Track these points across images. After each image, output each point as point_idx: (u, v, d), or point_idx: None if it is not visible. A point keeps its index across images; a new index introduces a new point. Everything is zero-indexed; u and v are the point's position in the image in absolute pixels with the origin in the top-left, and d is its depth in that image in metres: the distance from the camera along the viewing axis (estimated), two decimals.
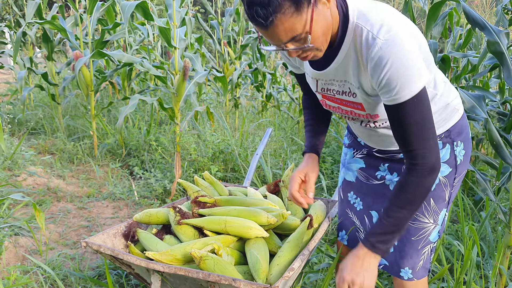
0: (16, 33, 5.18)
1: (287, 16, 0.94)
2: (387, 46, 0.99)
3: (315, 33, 1.00)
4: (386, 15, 1.04)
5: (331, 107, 1.31)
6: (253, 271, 1.38)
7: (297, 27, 0.97)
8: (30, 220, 2.59)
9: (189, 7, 5.38)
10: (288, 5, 0.93)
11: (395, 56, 0.99)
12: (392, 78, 1.01)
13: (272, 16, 0.93)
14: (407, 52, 1.00)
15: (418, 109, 1.05)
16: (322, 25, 1.01)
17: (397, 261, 1.41)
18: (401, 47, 0.99)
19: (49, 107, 5.49)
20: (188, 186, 1.93)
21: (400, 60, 0.99)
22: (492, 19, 5.79)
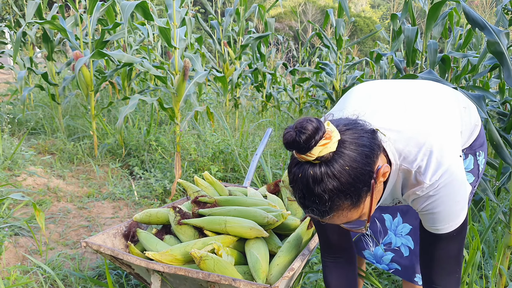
0: (16, 33, 5.18)
1: (344, 211, 0.90)
2: (433, 188, 0.96)
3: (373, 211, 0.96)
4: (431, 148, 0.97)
5: None
6: (253, 271, 1.38)
7: (354, 216, 0.93)
8: (30, 220, 2.59)
9: (189, 7, 5.38)
10: (348, 204, 0.88)
11: (442, 196, 0.97)
12: (435, 216, 1.00)
13: (330, 215, 0.90)
14: (454, 189, 0.98)
15: (454, 242, 1.04)
16: (377, 198, 0.97)
17: (413, 266, 1.39)
18: (448, 186, 0.97)
19: (49, 107, 5.49)
20: (188, 186, 1.93)
21: (444, 204, 0.98)
22: (492, 19, 5.79)
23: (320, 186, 0.84)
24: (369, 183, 0.88)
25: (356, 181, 0.86)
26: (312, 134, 0.81)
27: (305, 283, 2.00)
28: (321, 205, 0.87)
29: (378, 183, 0.92)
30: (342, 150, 0.85)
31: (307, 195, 0.87)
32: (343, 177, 0.84)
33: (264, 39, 5.69)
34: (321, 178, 0.84)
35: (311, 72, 6.03)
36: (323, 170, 0.84)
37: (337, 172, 0.84)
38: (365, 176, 0.87)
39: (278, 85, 6.76)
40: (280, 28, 19.78)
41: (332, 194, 0.85)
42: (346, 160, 0.84)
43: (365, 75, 6.67)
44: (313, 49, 6.29)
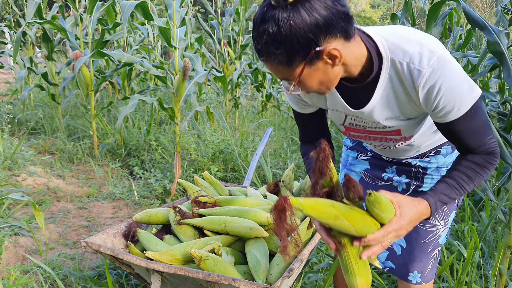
0: (16, 33, 5.18)
1: (275, 63, 0.94)
2: (434, 74, 0.97)
3: (306, 84, 0.99)
4: (419, 42, 1.00)
5: (355, 136, 1.27)
6: (253, 271, 1.38)
7: (286, 74, 0.97)
8: (30, 220, 2.59)
9: (189, 7, 5.38)
10: (279, 57, 0.92)
11: (446, 81, 0.97)
12: (448, 101, 0.99)
13: (263, 57, 0.95)
14: (454, 73, 0.98)
15: (477, 117, 1.03)
16: (319, 78, 0.98)
17: (406, 264, 1.39)
18: (447, 70, 0.97)
19: (49, 107, 5.49)
20: (188, 186, 1.93)
21: (450, 83, 0.97)
22: (492, 19, 5.80)
23: (263, 25, 0.90)
24: (307, 50, 0.91)
25: (293, 40, 0.89)
26: None
27: (305, 283, 2.00)
28: (258, 43, 0.93)
29: (324, 62, 0.94)
30: (299, 6, 0.87)
31: (253, 29, 0.94)
32: (283, 28, 0.88)
33: None
34: (267, 19, 0.89)
35: None
36: (272, 13, 0.88)
37: (281, 21, 0.87)
38: (304, 40, 0.89)
39: (278, 85, 6.76)
40: None
41: (268, 38, 0.90)
42: (295, 16, 0.87)
43: None
44: None
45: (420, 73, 0.97)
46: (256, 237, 1.54)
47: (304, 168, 3.73)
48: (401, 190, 1.37)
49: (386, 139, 1.22)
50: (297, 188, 2.05)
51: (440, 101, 0.99)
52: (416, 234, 1.35)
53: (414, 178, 1.34)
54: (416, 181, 1.34)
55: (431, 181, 1.31)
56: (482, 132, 1.05)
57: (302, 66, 0.94)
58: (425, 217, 1.05)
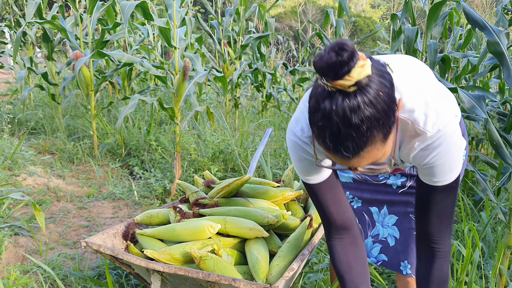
0: (16, 33, 5.18)
1: (376, 146, 0.85)
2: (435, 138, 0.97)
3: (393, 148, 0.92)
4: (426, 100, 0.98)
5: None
6: (253, 271, 1.38)
7: (380, 154, 0.89)
8: (30, 220, 2.59)
9: (189, 7, 5.38)
10: (380, 137, 0.84)
11: (443, 147, 0.98)
12: (440, 163, 1.00)
13: (363, 151, 0.84)
14: (454, 145, 0.99)
15: (451, 194, 1.06)
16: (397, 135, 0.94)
17: (398, 254, 1.41)
18: (449, 136, 0.98)
19: (49, 107, 5.49)
20: (186, 187, 1.93)
21: (446, 154, 0.99)
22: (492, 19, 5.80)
23: (358, 114, 0.79)
24: (394, 113, 0.85)
25: (389, 108, 0.82)
26: (353, 52, 0.76)
27: (305, 283, 2.00)
28: (357, 137, 0.81)
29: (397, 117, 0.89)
30: (373, 76, 0.81)
31: (343, 128, 0.80)
32: (379, 104, 0.80)
33: (264, 39, 5.70)
34: (358, 106, 0.78)
35: (311, 72, 6.03)
36: (359, 98, 0.78)
37: (373, 98, 0.79)
38: (393, 103, 0.84)
39: (278, 85, 6.76)
40: (280, 28, 19.78)
41: (369, 123, 0.80)
42: (378, 86, 0.81)
43: None
44: (313, 49, 6.29)
45: (423, 135, 0.98)
46: (256, 237, 1.54)
47: None
48: (395, 187, 1.39)
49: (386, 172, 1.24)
50: (297, 188, 2.05)
51: (432, 159, 1.00)
52: (409, 225, 1.37)
53: (409, 177, 1.36)
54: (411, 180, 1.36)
55: None
56: (447, 218, 1.10)
57: (395, 133, 0.89)
58: None
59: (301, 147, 1.09)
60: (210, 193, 1.85)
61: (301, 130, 1.06)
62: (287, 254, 1.46)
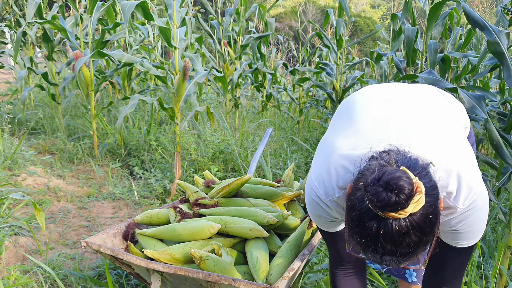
0: (16, 33, 5.17)
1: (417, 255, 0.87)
2: (467, 212, 0.97)
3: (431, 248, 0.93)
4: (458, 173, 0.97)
5: None
6: (253, 271, 1.38)
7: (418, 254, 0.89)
8: (30, 220, 2.59)
9: (189, 7, 5.38)
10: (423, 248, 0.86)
11: (473, 218, 0.98)
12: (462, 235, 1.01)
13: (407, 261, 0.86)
14: (482, 214, 1.00)
15: (469, 253, 1.07)
16: None
17: None
18: (479, 209, 0.98)
19: (49, 107, 5.49)
20: (186, 187, 1.93)
21: (474, 224, 0.99)
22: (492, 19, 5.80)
23: (406, 240, 0.80)
24: (438, 223, 0.86)
25: (435, 227, 0.84)
26: (411, 193, 0.77)
27: (305, 283, 2.00)
28: (402, 257, 0.83)
29: None
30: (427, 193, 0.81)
31: (389, 248, 0.82)
32: (427, 227, 0.82)
33: (264, 39, 5.69)
34: (407, 232, 0.80)
35: (311, 72, 6.03)
36: (409, 223, 0.79)
37: (422, 223, 0.80)
38: (439, 215, 0.85)
39: (278, 85, 6.76)
40: (280, 28, 19.78)
41: (416, 247, 0.82)
42: (428, 209, 0.81)
43: (365, 75, 6.67)
44: (313, 49, 6.29)
45: (453, 210, 0.97)
46: (256, 237, 1.54)
47: (304, 168, 3.73)
48: None
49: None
50: (297, 188, 2.05)
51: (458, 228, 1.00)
52: None
53: None
54: None
55: None
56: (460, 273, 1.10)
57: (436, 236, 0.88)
58: None
59: (322, 208, 1.08)
60: (210, 193, 1.85)
61: (325, 193, 1.04)
62: (287, 254, 1.46)
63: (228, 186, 1.77)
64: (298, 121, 5.43)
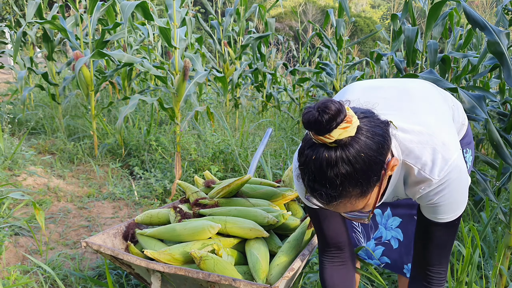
0: (17, 33, 5.18)
1: (352, 199, 0.89)
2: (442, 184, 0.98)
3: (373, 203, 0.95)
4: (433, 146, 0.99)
5: None
6: (253, 271, 1.38)
7: (359, 206, 0.92)
8: (30, 220, 2.59)
9: (189, 7, 5.38)
10: (357, 192, 0.87)
11: (450, 190, 0.99)
12: (443, 205, 1.02)
13: (337, 201, 0.88)
14: (461, 184, 1.00)
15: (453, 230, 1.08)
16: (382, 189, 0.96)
17: (401, 257, 1.41)
18: (456, 180, 0.99)
19: (49, 107, 5.49)
20: (186, 187, 1.93)
21: (453, 194, 1.00)
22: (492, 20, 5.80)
23: (333, 170, 0.83)
24: (379, 173, 0.88)
25: (369, 169, 0.85)
26: (335, 115, 0.79)
27: (305, 283, 2.00)
28: (331, 190, 0.85)
29: (387, 175, 0.92)
30: (360, 137, 0.84)
31: (318, 178, 0.85)
32: (357, 164, 0.83)
33: (265, 39, 5.70)
34: (335, 162, 0.83)
35: (311, 72, 6.03)
36: (339, 154, 0.82)
37: (352, 158, 0.83)
38: (377, 165, 0.87)
39: (279, 85, 6.76)
40: (281, 28, 19.78)
41: (344, 180, 0.84)
42: (362, 147, 0.83)
43: (365, 75, 6.67)
44: (313, 49, 6.29)
45: (429, 182, 0.98)
46: (256, 237, 1.54)
47: None
48: None
49: None
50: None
51: (436, 201, 1.01)
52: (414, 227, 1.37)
53: None
54: None
55: None
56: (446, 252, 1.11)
57: (377, 190, 0.91)
58: None
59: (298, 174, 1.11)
60: (210, 193, 1.85)
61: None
62: (287, 254, 1.46)
63: (228, 186, 1.77)
64: (298, 121, 5.43)
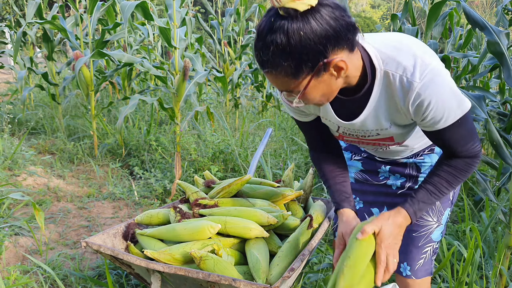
0: (17, 33, 5.18)
1: (282, 74, 0.92)
2: (426, 88, 0.97)
3: (310, 95, 0.98)
4: (413, 54, 0.99)
5: (348, 141, 1.28)
6: (253, 271, 1.38)
7: (290, 86, 0.95)
8: (30, 220, 2.59)
9: (189, 7, 5.38)
10: (286, 68, 0.90)
11: (435, 95, 0.97)
12: (438, 114, 1.00)
13: (268, 69, 0.92)
14: (445, 87, 0.98)
15: (463, 127, 1.04)
16: (322, 90, 0.98)
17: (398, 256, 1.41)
18: (439, 84, 0.97)
19: (49, 107, 5.49)
20: (186, 187, 1.93)
21: (441, 97, 0.98)
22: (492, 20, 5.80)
23: (271, 36, 0.87)
24: (315, 62, 0.89)
25: (303, 52, 0.87)
26: None
27: (305, 283, 2.00)
28: (263, 54, 0.90)
29: (329, 74, 0.93)
30: (309, 17, 0.85)
31: (259, 40, 0.90)
32: (293, 39, 0.86)
33: None
34: (275, 29, 0.87)
35: None
36: (281, 24, 0.86)
37: (291, 31, 0.85)
38: (313, 52, 0.88)
39: None
40: None
41: (276, 49, 0.87)
42: (306, 27, 0.85)
43: None
44: None
45: (412, 86, 0.98)
46: (256, 237, 1.54)
47: (304, 168, 3.73)
48: (395, 188, 1.39)
49: (379, 144, 1.24)
50: (297, 188, 2.05)
51: (429, 114, 1.00)
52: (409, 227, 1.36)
53: (408, 178, 1.36)
54: (410, 181, 1.35)
55: None
56: (467, 139, 1.07)
57: (309, 78, 0.93)
58: (407, 224, 1.12)
59: None
60: (210, 193, 1.85)
61: None
62: (287, 254, 1.46)
63: (228, 186, 1.77)
64: None
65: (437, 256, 2.11)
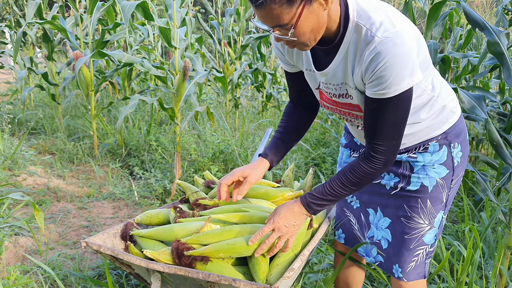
0: (17, 33, 5.18)
1: (277, 4, 0.95)
2: (384, 44, 1.00)
3: (301, 29, 1.01)
4: (387, 14, 1.04)
5: (329, 108, 1.32)
6: (253, 271, 1.38)
7: (284, 18, 0.98)
8: (30, 220, 2.59)
9: (189, 7, 5.38)
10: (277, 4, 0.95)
11: (391, 54, 1.00)
12: (385, 73, 1.02)
13: (264, 5, 0.96)
14: (404, 51, 1.01)
15: (399, 108, 1.08)
16: (312, 23, 1.02)
17: (390, 257, 1.41)
18: (398, 45, 1.00)
19: (49, 107, 5.49)
20: (186, 187, 1.93)
21: (395, 58, 1.00)
22: (492, 20, 5.80)
23: None
24: None
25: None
26: None
27: (305, 283, 2.00)
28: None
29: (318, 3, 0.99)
30: None
31: None
32: None
33: (265, 39, 5.69)
34: None
35: None
36: None
37: None
38: None
39: (279, 85, 6.76)
40: None
41: None
42: None
43: None
44: None
45: (373, 39, 1.02)
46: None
47: (304, 168, 3.73)
48: (389, 188, 1.39)
49: (353, 115, 1.26)
50: (297, 188, 2.05)
51: (378, 70, 1.02)
52: (401, 229, 1.37)
53: (401, 177, 1.35)
54: (403, 181, 1.35)
55: (417, 180, 1.32)
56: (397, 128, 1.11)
57: (302, 5, 0.97)
58: (304, 214, 1.25)
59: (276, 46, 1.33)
60: (210, 193, 1.85)
61: None
62: (287, 254, 1.46)
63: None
64: None
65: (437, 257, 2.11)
